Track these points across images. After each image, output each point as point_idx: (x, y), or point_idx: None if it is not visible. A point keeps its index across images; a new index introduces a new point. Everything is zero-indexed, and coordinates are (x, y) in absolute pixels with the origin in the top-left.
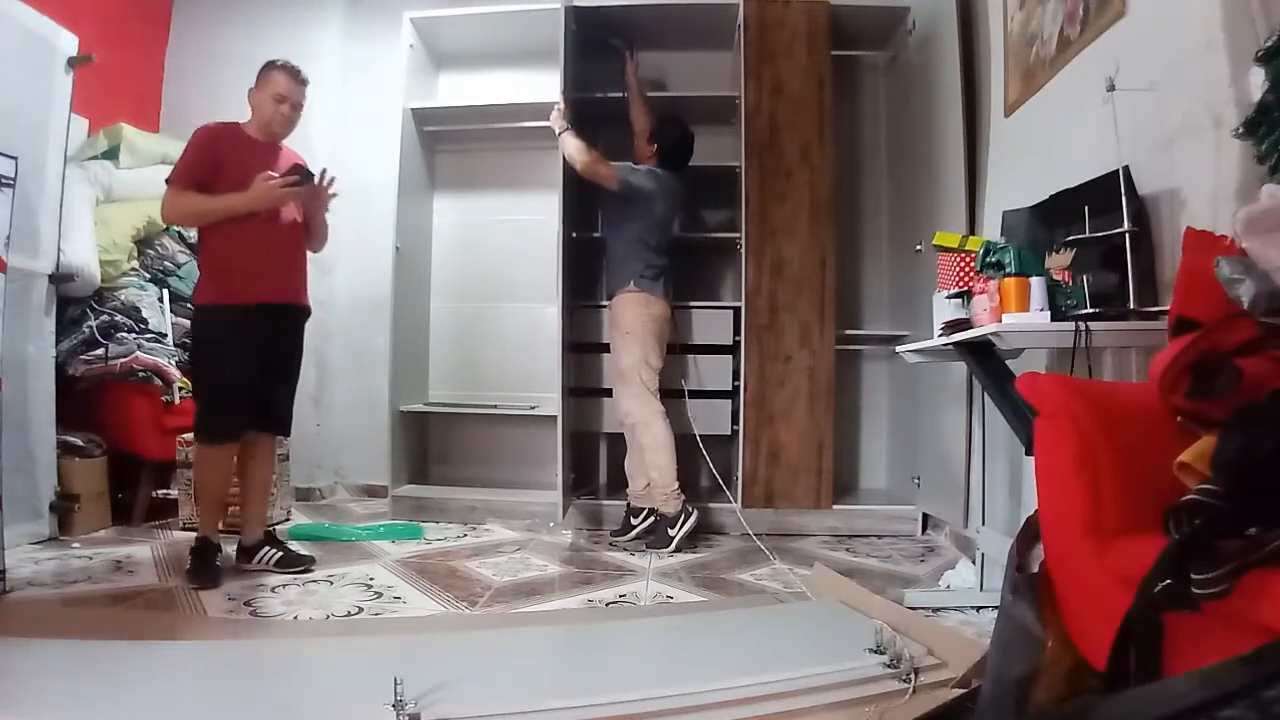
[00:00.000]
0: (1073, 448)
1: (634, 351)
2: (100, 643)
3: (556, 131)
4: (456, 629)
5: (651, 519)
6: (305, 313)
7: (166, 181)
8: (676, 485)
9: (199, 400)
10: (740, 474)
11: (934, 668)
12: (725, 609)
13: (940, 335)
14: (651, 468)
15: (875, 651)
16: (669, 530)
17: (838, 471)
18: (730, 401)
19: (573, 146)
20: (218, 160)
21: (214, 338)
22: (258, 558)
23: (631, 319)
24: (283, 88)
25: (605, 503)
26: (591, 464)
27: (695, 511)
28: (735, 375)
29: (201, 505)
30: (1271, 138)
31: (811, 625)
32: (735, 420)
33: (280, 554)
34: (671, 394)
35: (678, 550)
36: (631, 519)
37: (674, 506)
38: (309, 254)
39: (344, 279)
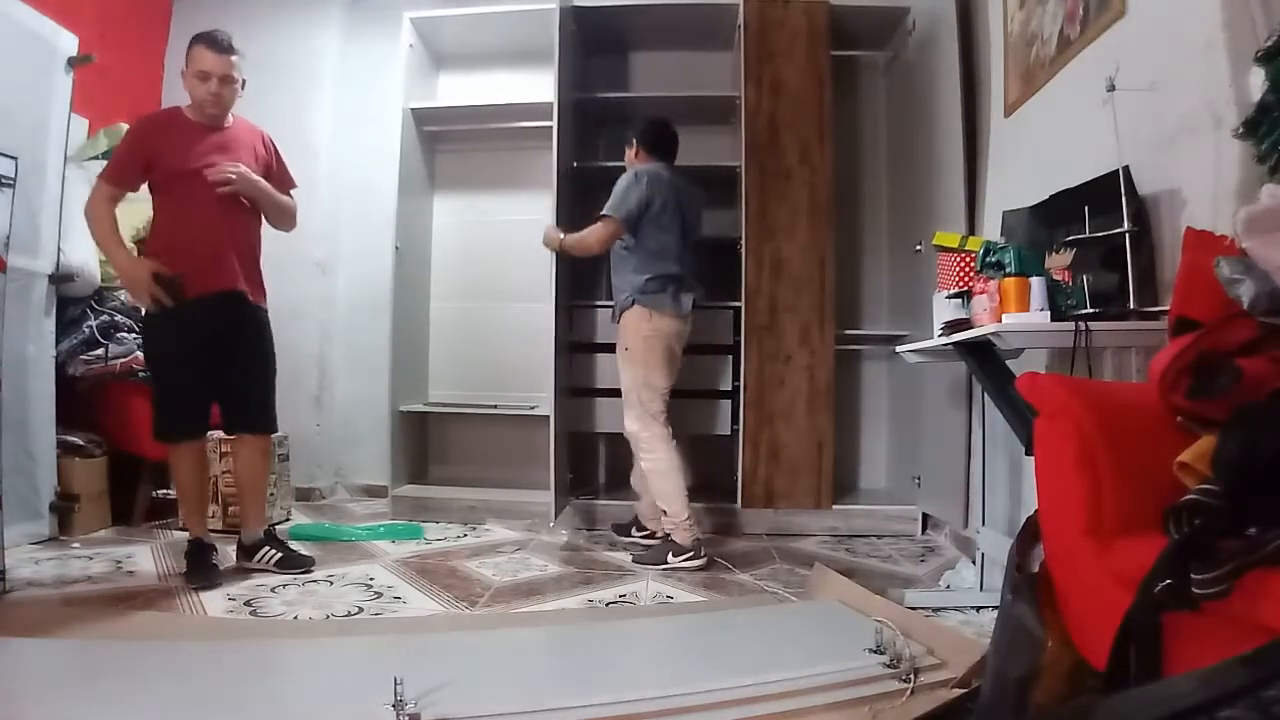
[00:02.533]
0: (1073, 448)
1: (633, 371)
2: (100, 643)
3: (558, 248)
4: (456, 629)
5: (656, 539)
6: (254, 302)
7: (99, 176)
8: (688, 516)
9: (153, 400)
10: (740, 474)
11: (934, 668)
12: (725, 609)
13: (940, 335)
14: (659, 498)
15: (875, 651)
16: (670, 555)
17: (838, 471)
18: (730, 401)
19: (573, 241)
20: (149, 154)
21: (156, 335)
22: (258, 557)
23: (632, 336)
24: (207, 63)
25: (602, 502)
26: (590, 464)
27: (706, 556)
28: (735, 375)
29: (182, 506)
30: (1271, 138)
31: (811, 625)
32: (735, 420)
33: (280, 554)
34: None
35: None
36: (634, 530)
37: (686, 538)
38: (286, 234)
39: (344, 279)
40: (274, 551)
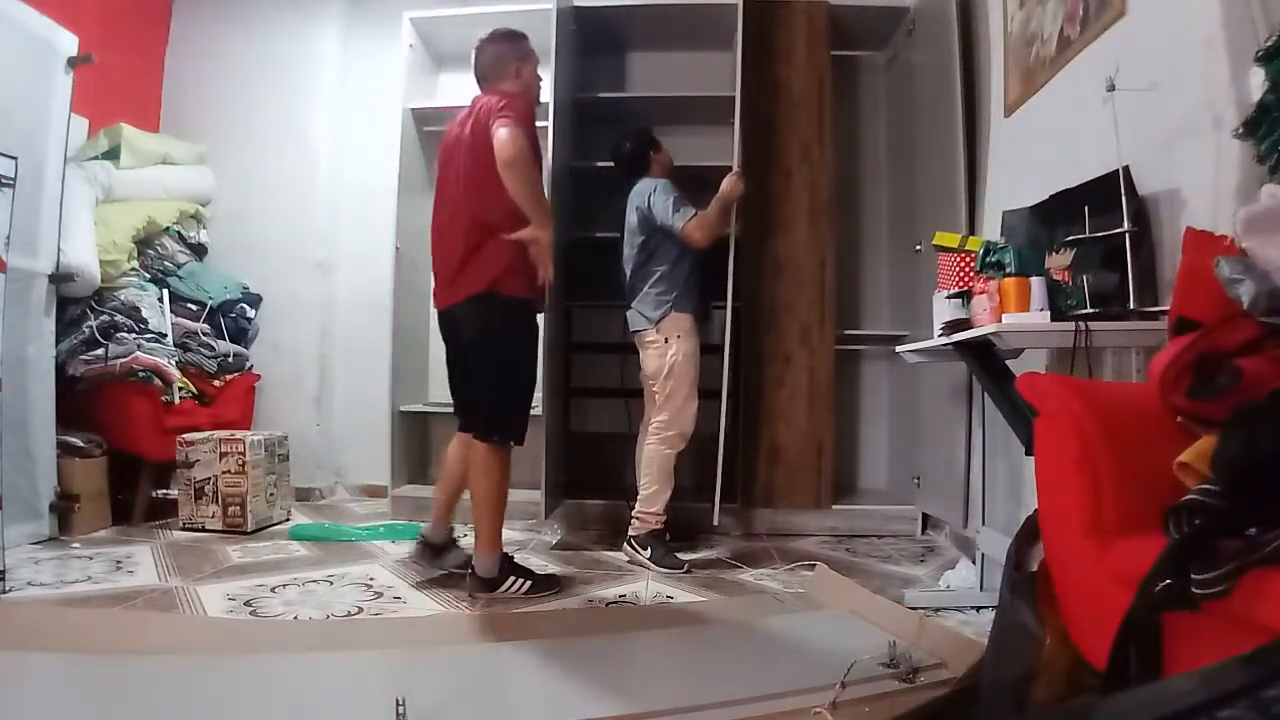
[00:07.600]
0: (1073, 448)
1: None
2: (96, 656)
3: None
4: (457, 639)
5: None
6: (465, 304)
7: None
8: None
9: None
10: (740, 474)
11: (934, 667)
12: (728, 619)
13: (940, 335)
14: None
15: (888, 665)
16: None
17: (838, 471)
18: (730, 401)
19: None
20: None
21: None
22: (504, 588)
23: None
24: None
25: (594, 503)
26: (589, 465)
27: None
28: (735, 375)
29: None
30: (1271, 138)
31: (816, 633)
32: (735, 420)
33: (528, 581)
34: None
35: None
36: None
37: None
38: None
39: (344, 279)
40: (520, 580)
